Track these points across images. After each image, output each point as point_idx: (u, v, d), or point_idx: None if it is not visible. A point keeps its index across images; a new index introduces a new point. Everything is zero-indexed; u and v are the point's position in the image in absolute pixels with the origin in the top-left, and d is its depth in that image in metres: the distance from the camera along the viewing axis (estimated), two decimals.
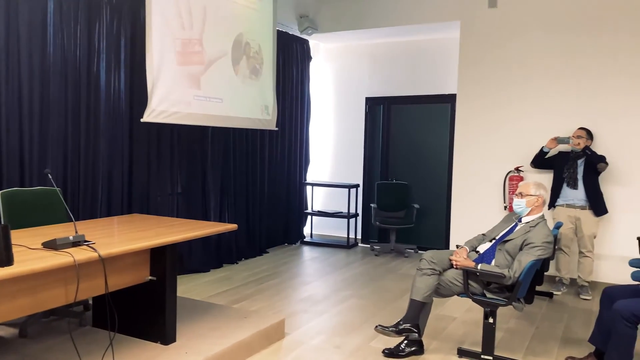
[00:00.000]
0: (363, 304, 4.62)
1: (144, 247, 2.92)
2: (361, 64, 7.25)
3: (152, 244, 2.96)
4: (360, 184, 7.27)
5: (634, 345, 2.98)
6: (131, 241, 2.92)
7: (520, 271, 3.21)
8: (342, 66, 7.39)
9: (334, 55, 7.44)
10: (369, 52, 7.18)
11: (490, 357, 3.36)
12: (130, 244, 2.84)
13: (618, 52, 5.16)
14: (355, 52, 7.27)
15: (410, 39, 6.84)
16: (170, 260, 3.20)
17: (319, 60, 7.47)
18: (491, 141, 5.78)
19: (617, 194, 5.17)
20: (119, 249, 2.74)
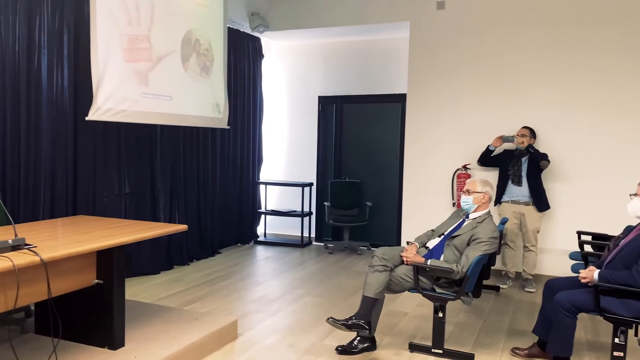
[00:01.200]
0: (317, 302, 4.63)
1: (90, 250, 2.82)
2: (314, 62, 7.26)
3: (98, 246, 2.87)
4: (314, 183, 7.29)
5: (573, 334, 3.12)
6: (76, 244, 2.82)
7: (467, 266, 3.31)
8: (294, 64, 7.39)
9: (287, 54, 7.42)
10: (322, 51, 7.21)
11: (440, 351, 3.44)
12: (75, 247, 2.74)
13: (560, 52, 5.39)
14: (308, 51, 7.28)
15: (362, 39, 6.91)
16: (117, 263, 3.10)
17: (271, 58, 7.43)
18: (440, 140, 5.92)
19: (558, 190, 5.40)
20: (63, 252, 2.64)
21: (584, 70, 5.30)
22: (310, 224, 7.27)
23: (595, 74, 5.26)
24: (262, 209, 7.35)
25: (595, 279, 3.09)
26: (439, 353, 3.44)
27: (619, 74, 5.17)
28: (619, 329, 3.08)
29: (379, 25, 6.23)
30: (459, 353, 3.46)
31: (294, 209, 7.14)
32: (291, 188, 7.17)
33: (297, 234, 7.09)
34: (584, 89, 5.31)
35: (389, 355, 3.48)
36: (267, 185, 7.36)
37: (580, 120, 5.34)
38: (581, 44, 5.30)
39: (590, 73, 5.28)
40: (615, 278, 3.03)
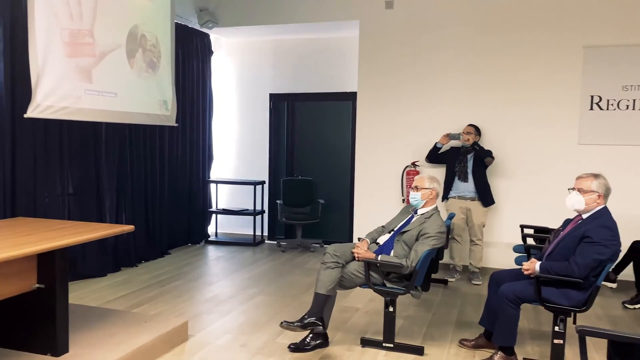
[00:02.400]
0: (269, 300, 4.61)
1: (30, 253, 2.70)
2: (264, 60, 7.21)
3: (39, 249, 2.75)
4: (266, 181, 7.24)
5: (517, 324, 3.25)
6: (15, 247, 2.69)
7: (416, 260, 3.38)
8: (245, 62, 7.31)
9: (237, 50, 7.34)
10: (273, 48, 7.17)
11: (391, 345, 3.50)
12: (14, 250, 2.61)
13: (502, 53, 5.58)
14: (259, 48, 7.22)
15: (314, 37, 6.92)
16: (60, 266, 2.98)
17: (221, 55, 7.33)
18: (390, 137, 6.01)
19: (502, 185, 5.60)
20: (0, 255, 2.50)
21: (525, 71, 5.51)
22: (262, 223, 7.23)
23: (536, 74, 5.47)
24: (213, 208, 7.25)
25: (536, 270, 3.22)
26: (389, 347, 3.50)
27: (558, 74, 5.41)
28: (558, 317, 3.22)
29: (330, 23, 6.26)
30: (409, 346, 3.53)
31: (245, 207, 7.08)
32: (243, 186, 7.10)
33: (249, 232, 7.03)
34: (525, 88, 5.52)
35: (341, 351, 3.51)
36: (217, 184, 7.26)
37: (521, 118, 5.55)
38: (521, 47, 5.50)
39: (531, 73, 5.49)
40: (555, 269, 3.18)
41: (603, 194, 3.26)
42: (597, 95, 5.31)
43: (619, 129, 5.26)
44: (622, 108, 5.25)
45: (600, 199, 3.25)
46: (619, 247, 3.18)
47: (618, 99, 5.26)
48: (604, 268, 3.12)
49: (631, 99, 5.22)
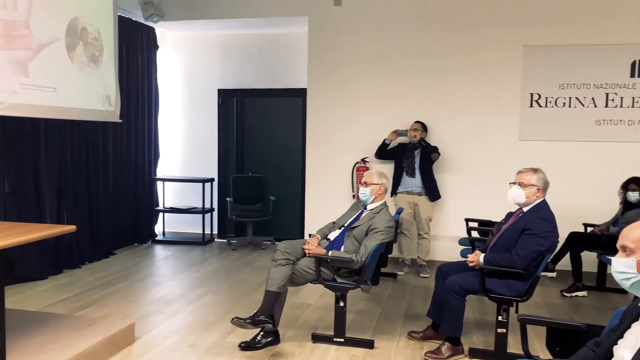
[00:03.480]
0: (219, 299, 4.55)
1: None
2: (213, 54, 7.09)
3: None
4: (215, 178, 7.13)
5: (463, 315, 3.34)
6: None
7: (366, 255, 3.42)
8: (192, 56, 7.16)
9: (183, 45, 7.18)
10: (221, 43, 7.05)
11: (341, 339, 3.53)
12: None
13: (450, 50, 5.72)
14: (206, 43, 7.09)
15: (262, 32, 6.86)
16: None
17: (167, 49, 7.15)
18: (340, 134, 6.05)
19: (448, 180, 5.75)
20: None
21: (469, 69, 5.67)
22: (211, 221, 7.12)
23: (480, 72, 5.65)
24: (160, 207, 7.07)
25: (480, 262, 3.33)
26: (340, 342, 3.53)
27: (500, 72, 5.60)
28: (502, 307, 3.34)
29: (279, 19, 6.22)
30: (359, 340, 3.57)
31: (194, 205, 6.95)
32: (191, 184, 6.96)
33: (198, 231, 6.91)
34: (469, 86, 5.68)
35: (292, 347, 3.51)
36: (164, 182, 7.09)
37: (466, 115, 5.71)
38: (466, 45, 5.67)
39: (475, 71, 5.66)
40: (498, 261, 3.29)
41: (542, 188, 3.40)
42: (536, 93, 5.54)
43: (556, 126, 5.51)
44: (559, 105, 5.50)
45: (540, 192, 3.40)
46: (557, 239, 3.33)
47: (556, 97, 5.50)
48: (544, 259, 3.26)
49: (567, 96, 5.47)
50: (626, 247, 1.64)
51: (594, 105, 5.42)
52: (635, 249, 1.61)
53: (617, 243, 1.68)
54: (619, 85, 5.35)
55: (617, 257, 1.67)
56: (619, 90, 5.36)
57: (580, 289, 4.83)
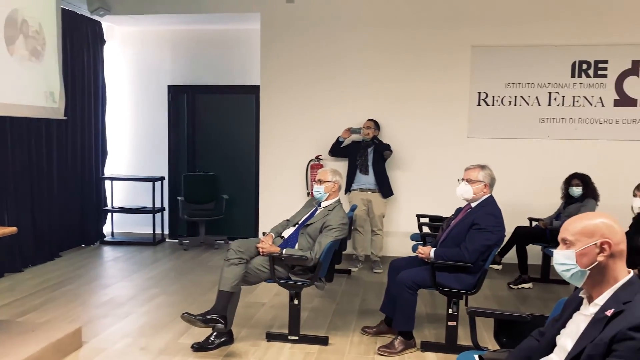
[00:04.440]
0: (171, 300, 4.46)
1: None
2: (162, 50, 6.92)
3: None
4: (166, 177, 6.98)
5: (415, 309, 3.41)
6: None
7: (320, 252, 3.43)
8: (141, 52, 6.97)
9: (132, 40, 6.97)
10: (171, 38, 6.89)
11: (296, 337, 3.53)
12: None
13: (401, 48, 5.79)
14: (155, 38, 6.91)
15: (214, 28, 6.75)
16: None
17: (114, 44, 6.93)
18: (294, 131, 6.04)
19: (400, 177, 5.84)
20: None
21: (420, 67, 5.78)
22: (162, 221, 6.96)
23: (430, 70, 5.76)
24: (108, 206, 6.85)
25: (431, 257, 3.40)
26: (295, 339, 3.53)
27: (450, 71, 5.73)
28: (452, 300, 3.43)
29: (231, 14, 6.14)
30: (314, 337, 3.59)
31: (144, 205, 6.77)
32: (141, 183, 6.78)
33: (148, 231, 6.73)
34: (420, 84, 5.79)
35: (246, 347, 3.48)
36: (113, 181, 6.87)
37: (417, 113, 5.82)
38: (417, 44, 5.77)
39: (426, 70, 5.77)
40: (448, 255, 3.38)
41: (489, 184, 3.51)
42: (483, 91, 5.71)
43: (503, 124, 5.69)
44: (505, 104, 5.69)
45: (487, 188, 3.50)
46: (504, 233, 3.45)
47: (502, 96, 5.69)
48: (491, 252, 3.37)
49: (513, 95, 5.67)
50: (566, 240, 1.71)
51: (538, 104, 5.63)
52: (574, 242, 1.68)
53: (558, 236, 1.75)
54: (560, 84, 5.58)
55: (558, 249, 1.74)
56: (560, 89, 5.59)
57: (526, 281, 5.02)
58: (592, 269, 1.66)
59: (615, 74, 5.50)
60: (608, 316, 1.57)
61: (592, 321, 1.63)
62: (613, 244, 1.64)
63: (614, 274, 1.65)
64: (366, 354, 3.43)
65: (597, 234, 1.65)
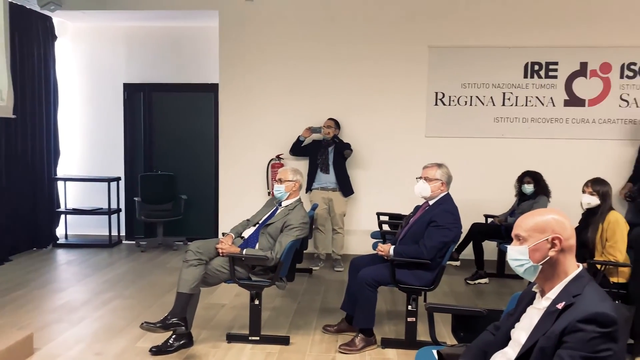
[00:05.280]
0: (128, 303, 4.35)
1: None
2: (117, 47, 6.74)
3: None
4: (122, 177, 6.80)
5: (375, 306, 3.44)
6: None
7: (281, 252, 3.42)
8: (95, 48, 6.76)
9: (85, 36, 6.75)
10: (126, 35, 6.72)
11: (257, 338, 3.51)
12: None
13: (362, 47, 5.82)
14: (110, 34, 6.72)
15: (171, 25, 6.62)
16: None
17: (66, 40, 6.70)
18: (254, 130, 5.99)
19: (360, 176, 5.89)
20: None
21: (380, 67, 5.83)
22: (119, 222, 6.78)
23: (390, 70, 5.82)
24: (61, 208, 6.62)
25: (390, 254, 3.44)
26: (256, 340, 3.50)
27: (409, 71, 5.81)
28: (411, 297, 3.48)
29: (189, 12, 6.03)
30: (275, 337, 3.57)
31: (99, 206, 6.58)
32: (95, 183, 6.58)
33: (104, 233, 6.55)
34: (381, 84, 5.84)
35: (206, 349, 3.43)
36: (66, 182, 6.65)
37: (377, 112, 5.87)
38: (377, 43, 5.81)
39: (386, 70, 5.83)
40: (407, 252, 3.42)
41: (446, 182, 3.58)
42: (440, 91, 5.82)
43: (459, 123, 5.82)
44: (461, 104, 5.81)
45: (444, 186, 3.57)
46: (461, 230, 3.53)
47: (458, 96, 5.81)
48: (449, 249, 3.44)
49: (469, 95, 5.80)
50: (519, 236, 1.76)
51: (493, 104, 5.78)
52: (527, 237, 1.73)
53: (512, 232, 1.80)
54: (514, 85, 5.75)
55: (512, 245, 1.79)
56: (514, 90, 5.76)
57: (483, 277, 5.15)
58: (544, 263, 1.71)
59: (565, 75, 5.70)
60: (559, 309, 1.63)
61: (545, 314, 1.68)
62: (563, 239, 1.70)
63: (564, 269, 1.71)
64: (327, 353, 3.44)
65: (548, 229, 1.71)
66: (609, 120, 5.69)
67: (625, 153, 5.66)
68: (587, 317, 1.53)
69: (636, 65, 5.63)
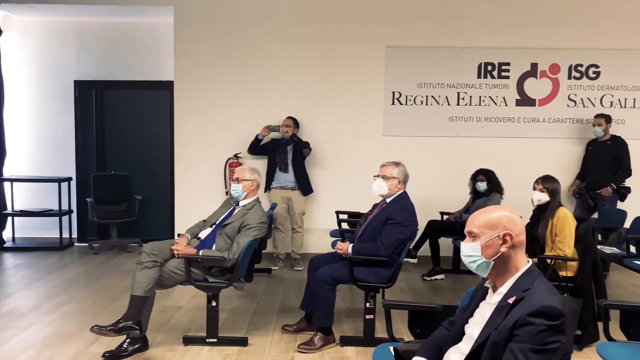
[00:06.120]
0: (81, 308, 4.21)
1: None
2: (67, 43, 6.50)
3: None
4: (73, 177, 6.58)
5: (334, 304, 3.46)
6: None
7: (239, 252, 3.37)
8: (43, 44, 6.50)
9: (33, 31, 6.48)
10: (77, 30, 6.49)
11: (214, 340, 3.45)
12: None
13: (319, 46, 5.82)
14: (60, 29, 6.47)
15: (125, 20, 6.43)
16: None
17: (12, 35, 6.41)
18: (211, 129, 5.90)
19: (320, 175, 5.89)
20: None
21: (338, 66, 5.84)
22: (70, 224, 6.55)
23: (348, 69, 5.84)
24: (8, 210, 6.34)
25: (349, 252, 3.46)
26: (213, 342, 3.45)
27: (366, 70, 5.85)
28: (369, 294, 3.51)
29: (143, 7, 5.88)
30: (233, 339, 3.53)
31: (49, 207, 6.34)
32: (45, 184, 6.33)
33: (55, 235, 6.31)
34: (338, 83, 5.86)
35: (162, 352, 3.36)
36: (13, 182, 6.37)
37: (335, 111, 5.88)
38: (334, 42, 5.82)
39: (344, 69, 5.84)
40: (365, 250, 3.45)
41: (403, 180, 3.63)
42: (397, 91, 5.89)
43: (415, 122, 5.90)
44: (417, 104, 5.90)
45: (400, 184, 3.62)
46: (417, 227, 3.58)
47: (414, 95, 5.89)
48: (405, 246, 3.48)
49: (425, 95, 5.89)
50: (472, 233, 1.79)
51: (448, 103, 5.90)
52: (480, 234, 1.77)
53: (465, 229, 1.83)
54: (468, 85, 5.88)
55: (465, 242, 1.82)
56: (468, 89, 5.89)
57: (439, 273, 5.25)
58: (496, 259, 1.75)
59: (516, 75, 5.87)
60: (510, 304, 1.67)
61: (496, 309, 1.72)
62: (514, 235, 1.74)
63: (515, 264, 1.75)
64: (286, 352, 3.42)
65: (499, 226, 1.75)
66: (558, 119, 5.90)
67: (573, 151, 5.88)
68: (536, 311, 1.57)
69: (582, 66, 5.86)
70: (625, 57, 5.81)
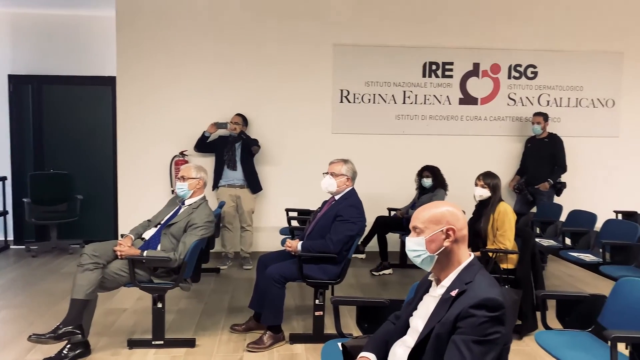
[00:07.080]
0: (18, 313, 4.01)
1: None
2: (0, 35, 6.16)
3: None
4: (8, 176, 6.25)
5: (283, 302, 3.45)
6: None
7: (185, 252, 3.31)
8: None
9: None
10: (11, 22, 6.16)
11: (161, 342, 3.37)
12: None
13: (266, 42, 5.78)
14: None
15: (64, 13, 6.15)
16: None
17: None
18: (156, 126, 5.75)
19: (269, 172, 5.86)
20: None
21: (286, 63, 5.82)
22: (5, 225, 6.23)
23: (296, 67, 5.83)
24: None
25: (298, 250, 3.46)
26: (159, 344, 3.37)
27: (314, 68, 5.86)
28: (318, 291, 3.52)
29: None
30: (180, 340, 3.46)
31: None
32: None
33: None
34: (288, 80, 5.84)
35: (105, 356, 3.25)
36: None
37: (285, 108, 5.87)
38: (282, 39, 5.80)
39: (292, 66, 5.83)
40: (314, 247, 3.46)
41: (351, 177, 3.67)
42: (345, 89, 5.93)
43: (363, 120, 5.97)
44: (365, 102, 5.97)
45: (349, 181, 3.65)
46: (365, 223, 3.62)
47: (362, 94, 5.96)
48: (354, 242, 3.52)
49: (372, 93, 5.97)
50: (417, 228, 1.83)
51: (394, 101, 6.00)
52: (424, 229, 1.81)
53: (410, 224, 1.86)
54: (413, 84, 6.00)
55: (410, 237, 1.86)
56: (413, 88, 6.01)
57: (387, 268, 5.33)
58: (440, 253, 1.79)
59: (459, 74, 6.05)
60: (453, 296, 1.72)
61: (440, 302, 1.76)
62: (457, 229, 1.79)
63: (457, 258, 1.81)
64: (235, 352, 3.38)
65: (443, 221, 1.79)
66: (499, 117, 6.12)
67: (513, 148, 6.12)
68: (478, 303, 1.62)
69: (521, 67, 6.10)
70: (561, 58, 6.09)
